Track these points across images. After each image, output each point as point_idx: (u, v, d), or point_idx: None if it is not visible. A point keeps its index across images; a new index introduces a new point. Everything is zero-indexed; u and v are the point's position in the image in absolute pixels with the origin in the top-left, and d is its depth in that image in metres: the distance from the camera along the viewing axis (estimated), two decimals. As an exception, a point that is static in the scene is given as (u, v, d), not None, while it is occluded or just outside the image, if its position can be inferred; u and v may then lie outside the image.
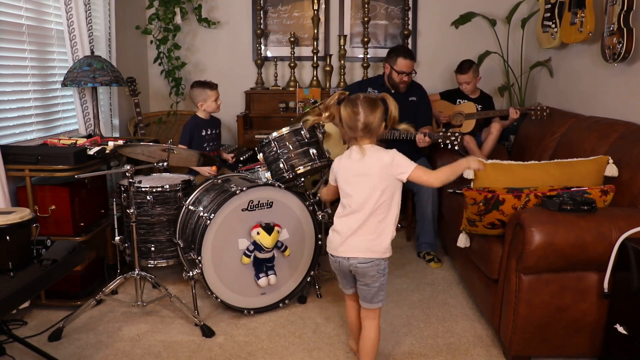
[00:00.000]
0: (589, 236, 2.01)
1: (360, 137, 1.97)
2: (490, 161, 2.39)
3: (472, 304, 2.77)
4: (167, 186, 2.79)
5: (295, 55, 4.31)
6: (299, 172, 2.65)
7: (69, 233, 2.65)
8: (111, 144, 2.87)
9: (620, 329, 1.95)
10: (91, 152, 2.69)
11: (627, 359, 1.95)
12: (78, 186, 2.70)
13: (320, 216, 2.72)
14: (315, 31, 4.27)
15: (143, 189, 2.73)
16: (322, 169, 2.77)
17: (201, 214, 2.54)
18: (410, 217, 3.73)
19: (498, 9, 4.29)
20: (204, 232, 2.45)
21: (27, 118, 2.91)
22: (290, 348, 2.36)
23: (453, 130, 3.00)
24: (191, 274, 2.51)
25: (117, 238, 2.64)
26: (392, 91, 3.52)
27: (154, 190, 2.76)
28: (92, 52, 3.21)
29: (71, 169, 2.52)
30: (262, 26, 4.39)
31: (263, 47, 4.44)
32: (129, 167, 2.44)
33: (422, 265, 3.31)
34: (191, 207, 2.68)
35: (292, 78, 4.36)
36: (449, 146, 3.01)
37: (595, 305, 2.10)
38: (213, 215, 2.45)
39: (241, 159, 3.58)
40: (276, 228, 2.55)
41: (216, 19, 4.44)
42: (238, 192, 2.49)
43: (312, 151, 2.64)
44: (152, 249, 2.80)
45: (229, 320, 2.59)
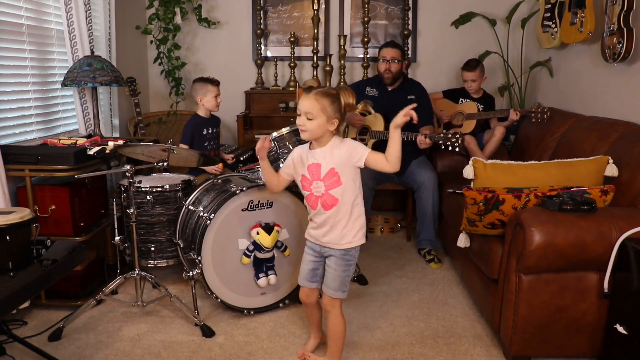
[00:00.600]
0: (589, 236, 2.01)
1: None
2: (490, 161, 2.39)
3: (472, 304, 2.77)
4: (167, 186, 2.79)
5: (295, 55, 4.32)
6: (299, 172, 2.65)
7: (69, 233, 2.65)
8: (111, 144, 2.87)
9: (620, 329, 1.95)
10: (91, 152, 2.69)
11: (627, 359, 1.95)
12: (78, 186, 2.71)
13: None
14: (315, 31, 4.27)
15: (143, 189, 2.73)
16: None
17: (201, 214, 2.54)
18: (410, 217, 3.73)
19: (498, 9, 4.29)
20: (204, 232, 2.45)
21: (27, 118, 2.91)
22: (290, 348, 2.36)
23: (454, 131, 3.01)
24: (191, 274, 2.51)
25: (117, 238, 2.64)
26: (389, 89, 3.55)
27: (154, 190, 2.76)
28: (92, 52, 3.21)
29: (71, 169, 2.52)
30: (262, 26, 4.39)
31: (263, 47, 4.44)
32: (129, 167, 2.44)
33: (422, 265, 3.31)
34: (191, 207, 2.68)
35: (292, 78, 4.36)
36: (450, 148, 3.02)
37: (595, 305, 2.10)
38: (213, 215, 2.45)
39: (241, 159, 3.58)
40: (276, 228, 2.55)
41: (216, 19, 4.44)
42: (238, 192, 2.49)
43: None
44: (152, 249, 2.80)
45: (229, 320, 2.59)
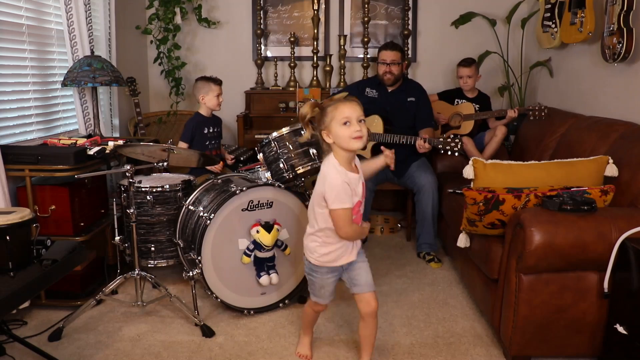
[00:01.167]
0: (589, 236, 2.01)
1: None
2: (490, 161, 2.39)
3: (472, 304, 2.77)
4: (167, 186, 2.79)
5: (295, 55, 4.31)
6: (299, 172, 2.64)
7: (69, 233, 2.65)
8: (111, 144, 2.86)
9: (620, 329, 1.95)
10: (91, 152, 2.69)
11: (627, 359, 1.95)
12: (78, 186, 2.70)
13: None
14: (315, 31, 4.27)
15: (143, 189, 2.73)
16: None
17: (201, 214, 2.54)
18: (410, 218, 3.73)
19: (498, 9, 4.29)
20: (204, 232, 2.45)
21: (27, 118, 2.91)
22: (290, 348, 2.36)
23: (453, 135, 3.02)
24: (191, 274, 2.51)
25: (117, 238, 2.64)
26: (389, 90, 3.54)
27: (154, 190, 2.76)
28: (92, 52, 3.21)
29: (71, 169, 2.52)
30: (262, 26, 4.39)
31: (263, 47, 4.44)
32: (129, 167, 2.44)
33: (422, 265, 3.31)
34: (191, 207, 2.68)
35: (292, 78, 4.36)
36: (449, 152, 3.04)
37: (595, 305, 2.09)
38: (213, 215, 2.45)
39: (241, 159, 3.58)
40: (276, 226, 2.55)
41: (216, 19, 4.44)
42: (238, 192, 2.49)
43: (312, 151, 2.63)
44: (152, 249, 2.81)
45: (229, 320, 2.59)
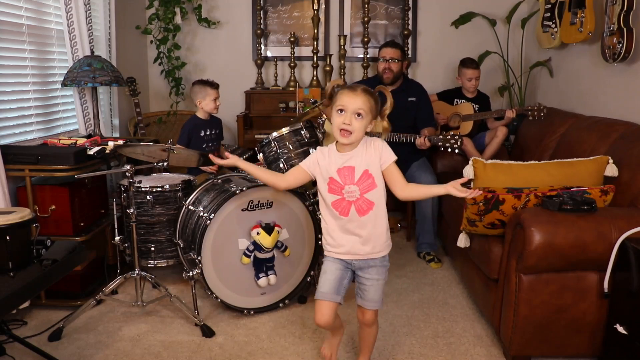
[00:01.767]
0: (589, 236, 2.01)
1: None
2: (490, 161, 2.39)
3: (472, 304, 2.77)
4: (167, 186, 2.79)
5: (295, 55, 4.32)
6: (299, 172, 2.64)
7: (69, 233, 2.65)
8: (111, 144, 2.86)
9: (620, 329, 1.95)
10: (91, 152, 2.69)
11: (627, 359, 1.95)
12: (78, 186, 2.70)
13: (320, 216, 2.71)
14: (315, 31, 4.27)
15: (143, 189, 2.73)
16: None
17: (201, 214, 2.54)
18: (410, 218, 3.73)
19: (498, 9, 4.29)
20: (204, 232, 2.45)
21: (27, 118, 2.91)
22: (290, 348, 2.36)
23: (453, 132, 3.01)
24: (191, 274, 2.51)
25: (117, 238, 2.63)
26: (389, 89, 3.53)
27: (154, 190, 2.76)
28: (92, 52, 3.21)
29: (71, 169, 2.52)
30: (262, 26, 4.39)
31: (263, 47, 4.44)
32: (129, 167, 2.44)
33: (422, 265, 3.31)
34: (191, 207, 2.68)
35: (292, 78, 4.36)
36: (449, 149, 3.04)
37: (595, 305, 2.09)
38: (213, 215, 2.45)
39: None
40: (276, 228, 2.55)
41: (216, 19, 4.44)
42: (238, 192, 2.49)
43: (312, 151, 2.63)
44: (152, 249, 2.80)
45: (229, 320, 2.59)
